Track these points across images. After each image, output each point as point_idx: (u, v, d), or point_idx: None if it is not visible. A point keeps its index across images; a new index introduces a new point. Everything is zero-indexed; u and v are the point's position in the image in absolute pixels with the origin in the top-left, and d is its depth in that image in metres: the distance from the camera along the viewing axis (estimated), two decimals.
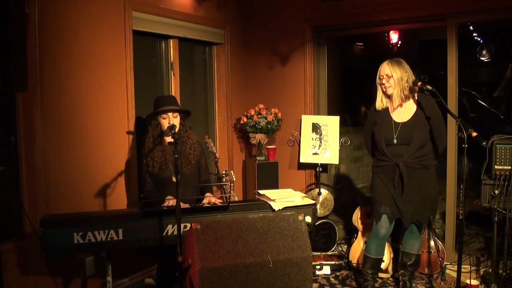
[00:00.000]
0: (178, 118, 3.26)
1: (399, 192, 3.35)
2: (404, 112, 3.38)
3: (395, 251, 3.88)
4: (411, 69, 3.35)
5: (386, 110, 3.43)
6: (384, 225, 3.42)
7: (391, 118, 3.40)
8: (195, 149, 3.34)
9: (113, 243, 2.79)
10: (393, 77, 3.31)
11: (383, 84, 3.36)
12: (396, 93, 3.34)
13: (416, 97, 3.38)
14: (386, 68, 3.34)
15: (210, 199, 3.29)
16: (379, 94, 3.43)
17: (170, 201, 3.10)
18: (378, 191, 3.45)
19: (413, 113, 3.37)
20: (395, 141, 3.34)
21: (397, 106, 3.39)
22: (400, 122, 3.36)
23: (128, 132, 3.70)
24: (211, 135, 4.76)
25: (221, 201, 3.31)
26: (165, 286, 3.32)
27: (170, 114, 3.20)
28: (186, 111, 3.38)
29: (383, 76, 3.35)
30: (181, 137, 3.28)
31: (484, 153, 3.47)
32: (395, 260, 3.90)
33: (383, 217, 3.40)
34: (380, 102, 3.44)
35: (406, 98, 3.36)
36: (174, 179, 3.16)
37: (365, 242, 3.87)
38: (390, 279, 3.90)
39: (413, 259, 3.55)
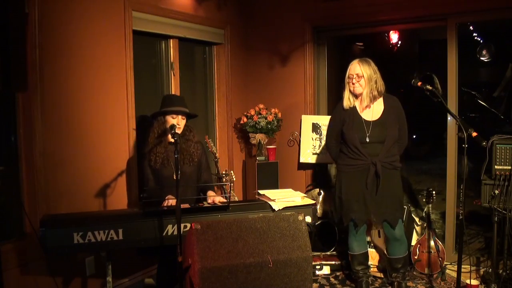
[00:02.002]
0: (185, 120, 3.30)
1: (373, 192, 3.35)
2: (372, 111, 3.40)
3: None
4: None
5: (354, 109, 3.43)
6: (357, 225, 3.47)
7: (360, 116, 3.40)
8: (197, 148, 3.37)
9: (113, 243, 2.79)
10: (364, 77, 3.31)
11: (353, 84, 3.36)
12: (365, 93, 3.34)
13: (382, 98, 3.41)
14: (356, 68, 3.34)
15: (214, 198, 3.28)
16: (347, 92, 3.42)
17: (170, 201, 3.10)
18: (347, 191, 3.43)
19: (381, 112, 3.39)
20: (367, 139, 3.34)
21: (366, 107, 3.40)
22: (371, 121, 3.37)
23: (128, 132, 3.69)
24: (211, 135, 4.76)
25: (223, 199, 3.30)
26: (165, 286, 3.32)
27: (179, 116, 3.24)
28: (195, 115, 3.44)
29: (353, 75, 3.35)
30: (186, 135, 3.32)
31: (484, 153, 3.47)
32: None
33: (352, 221, 3.45)
34: (348, 100, 3.43)
35: (375, 98, 3.37)
36: (175, 177, 3.17)
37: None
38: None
39: (402, 262, 3.56)
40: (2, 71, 2.44)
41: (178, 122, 3.22)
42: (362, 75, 3.31)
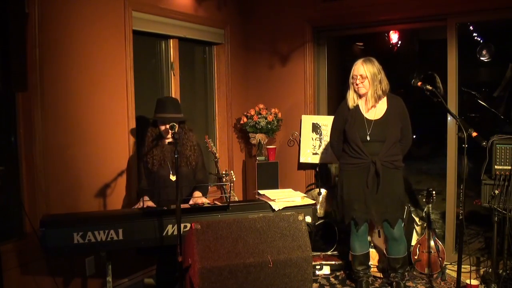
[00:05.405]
0: (177, 125, 3.25)
1: (373, 191, 3.35)
2: (376, 110, 3.40)
3: None
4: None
5: (357, 108, 3.44)
6: (357, 224, 3.47)
7: (363, 115, 3.41)
8: (195, 151, 3.37)
9: (113, 243, 2.79)
10: (368, 78, 3.31)
11: (357, 85, 3.36)
12: (370, 93, 3.34)
13: (386, 97, 3.41)
14: (360, 68, 3.33)
15: (196, 200, 3.25)
16: (351, 92, 3.43)
17: (147, 202, 3.07)
18: (348, 190, 3.44)
19: (384, 111, 3.39)
20: (368, 138, 3.34)
21: (371, 107, 3.39)
22: (372, 120, 3.38)
23: (128, 132, 3.69)
24: (211, 135, 4.75)
25: (205, 200, 3.28)
26: (165, 286, 3.33)
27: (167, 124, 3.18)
28: (181, 121, 3.31)
29: (356, 76, 3.34)
30: (181, 138, 3.29)
31: (484, 153, 3.47)
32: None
33: (353, 220, 3.45)
34: (352, 100, 3.43)
35: (379, 98, 3.37)
36: (171, 178, 3.18)
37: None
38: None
39: (401, 262, 3.56)
40: (2, 71, 2.44)
41: (166, 126, 3.20)
42: (366, 76, 3.30)
